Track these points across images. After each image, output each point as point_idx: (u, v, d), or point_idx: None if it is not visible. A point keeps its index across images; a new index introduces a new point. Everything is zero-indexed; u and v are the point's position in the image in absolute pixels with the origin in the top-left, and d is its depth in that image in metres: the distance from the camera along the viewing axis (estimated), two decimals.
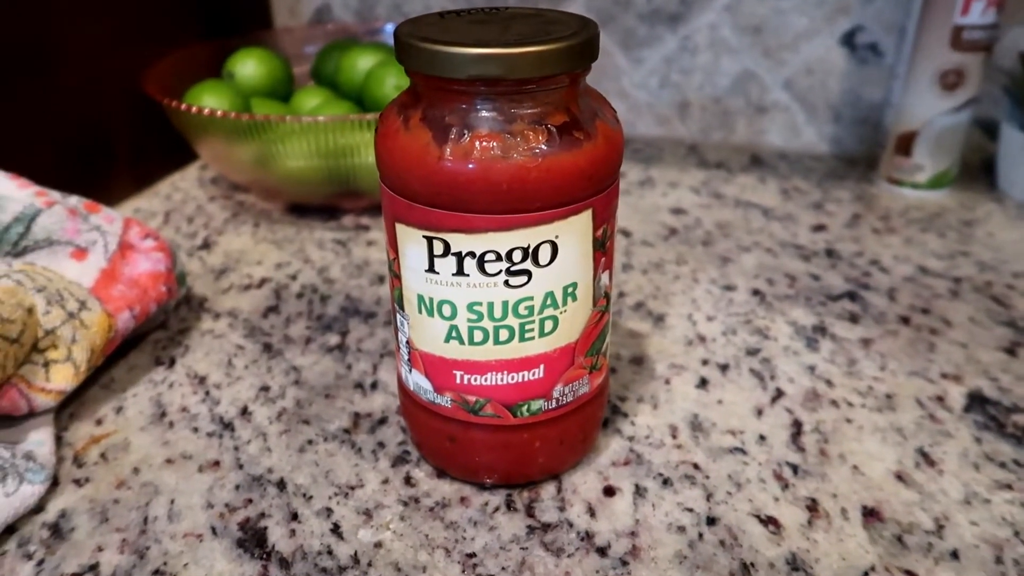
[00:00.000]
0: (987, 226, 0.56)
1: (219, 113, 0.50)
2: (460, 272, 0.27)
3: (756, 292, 0.47)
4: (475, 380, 0.29)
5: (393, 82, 0.57)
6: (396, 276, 0.30)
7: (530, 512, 0.32)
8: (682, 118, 0.72)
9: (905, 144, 0.59)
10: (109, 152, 0.60)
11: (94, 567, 0.29)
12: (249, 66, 0.61)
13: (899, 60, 0.59)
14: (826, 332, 0.43)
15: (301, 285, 0.49)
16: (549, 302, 0.28)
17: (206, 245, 0.54)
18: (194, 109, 0.50)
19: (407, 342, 0.31)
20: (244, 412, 0.38)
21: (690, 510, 0.32)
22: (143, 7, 0.61)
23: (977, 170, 0.64)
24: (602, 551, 0.30)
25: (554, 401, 0.30)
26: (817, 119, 0.69)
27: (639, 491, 0.33)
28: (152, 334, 0.44)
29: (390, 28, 0.71)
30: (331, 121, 0.49)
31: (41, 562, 0.30)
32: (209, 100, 0.55)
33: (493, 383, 0.29)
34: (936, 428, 0.36)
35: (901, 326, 0.44)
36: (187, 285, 0.45)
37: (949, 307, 0.46)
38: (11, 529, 0.31)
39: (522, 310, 0.28)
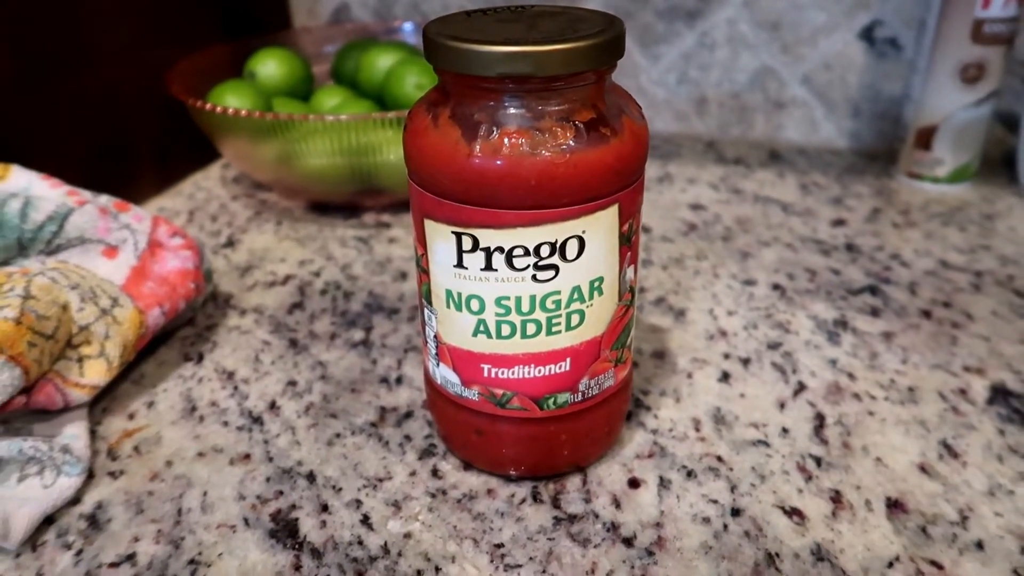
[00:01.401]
0: (1008, 220, 0.55)
1: (242, 112, 0.50)
2: (488, 267, 0.28)
3: (776, 287, 0.48)
4: (502, 373, 0.30)
5: (413, 80, 0.57)
6: (424, 272, 0.30)
7: (556, 504, 0.32)
8: (700, 114, 0.72)
9: (925, 138, 0.59)
10: (134, 152, 0.61)
11: (131, 557, 0.30)
12: (270, 66, 0.62)
13: (919, 54, 0.59)
14: (847, 326, 0.44)
15: (325, 282, 0.49)
16: (576, 296, 0.28)
17: (230, 243, 0.55)
18: (217, 109, 0.51)
19: (435, 336, 0.31)
20: (272, 406, 0.38)
21: (715, 502, 0.32)
22: (165, 9, 0.62)
23: (998, 164, 0.64)
24: (628, 542, 0.30)
25: (580, 394, 0.31)
26: (836, 114, 0.69)
27: (663, 483, 0.33)
28: (180, 330, 0.45)
29: (409, 27, 0.71)
30: (352, 119, 0.50)
31: (80, 552, 0.30)
32: (231, 100, 0.56)
33: (520, 376, 0.30)
34: (959, 421, 0.36)
35: (923, 320, 0.44)
36: (213, 282, 0.46)
37: (971, 301, 0.46)
38: (50, 520, 0.32)
39: (549, 304, 0.28)
